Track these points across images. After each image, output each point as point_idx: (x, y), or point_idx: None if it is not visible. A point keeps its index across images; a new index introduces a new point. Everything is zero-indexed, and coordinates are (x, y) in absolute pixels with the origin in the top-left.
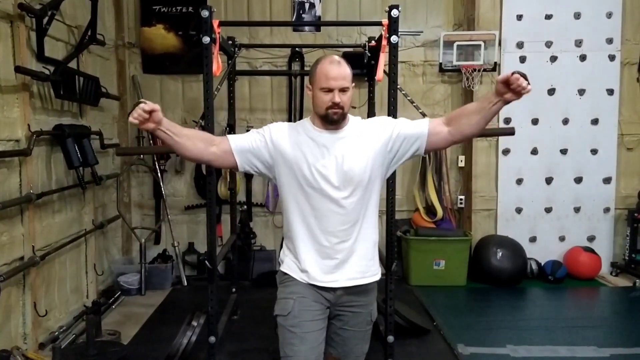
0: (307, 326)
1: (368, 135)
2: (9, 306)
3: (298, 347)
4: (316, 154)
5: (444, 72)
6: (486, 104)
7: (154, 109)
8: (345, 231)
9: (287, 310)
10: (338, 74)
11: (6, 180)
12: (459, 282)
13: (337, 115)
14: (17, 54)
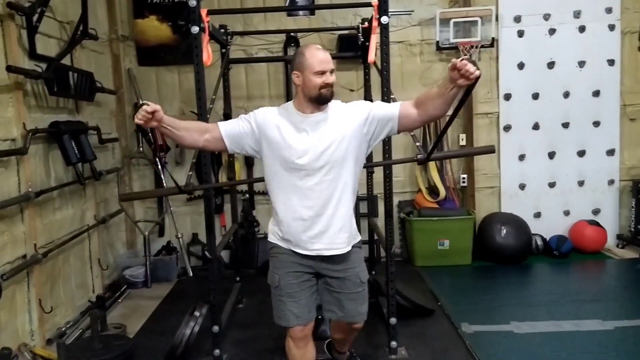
0: (294, 295)
1: (346, 119)
2: (15, 304)
3: (290, 311)
4: (298, 137)
5: (441, 50)
6: (444, 89)
7: (156, 109)
8: (323, 207)
9: (275, 283)
10: (326, 58)
11: (4, 180)
12: (464, 261)
13: (330, 93)
14: (9, 53)
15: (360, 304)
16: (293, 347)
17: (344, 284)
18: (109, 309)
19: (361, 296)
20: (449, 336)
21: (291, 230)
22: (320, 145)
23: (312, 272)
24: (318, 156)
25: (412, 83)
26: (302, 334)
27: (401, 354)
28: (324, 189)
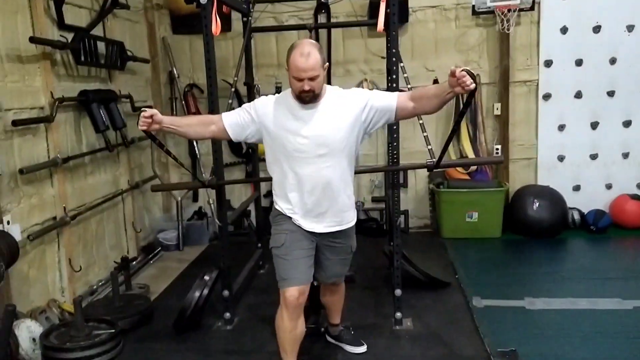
0: (297, 254)
1: (343, 107)
2: (44, 262)
3: (290, 270)
4: (296, 125)
5: (477, 14)
6: (442, 92)
7: (152, 113)
8: (322, 192)
9: (281, 242)
10: (307, 66)
11: (33, 146)
12: (494, 234)
13: (308, 98)
14: (36, 24)
15: (344, 267)
16: (287, 318)
17: (337, 251)
18: (141, 269)
19: (347, 261)
20: (458, 310)
21: (294, 211)
22: (318, 133)
23: (314, 241)
24: (316, 144)
25: (446, 49)
26: (297, 300)
27: (406, 325)
28: (323, 175)
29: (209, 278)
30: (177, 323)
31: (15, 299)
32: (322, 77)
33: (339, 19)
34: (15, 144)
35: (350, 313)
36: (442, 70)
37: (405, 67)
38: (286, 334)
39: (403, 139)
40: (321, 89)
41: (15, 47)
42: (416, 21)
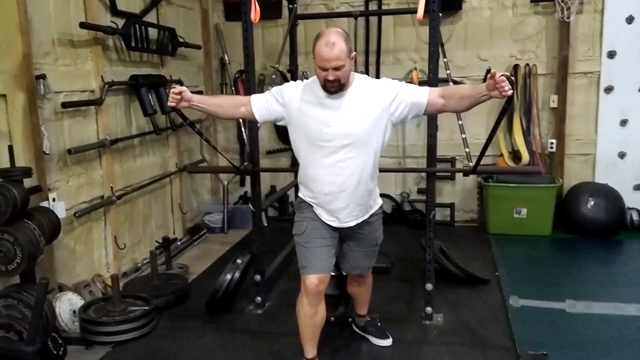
0: (317, 242)
1: (371, 97)
2: (91, 239)
3: (310, 258)
4: (322, 114)
5: (536, 2)
6: (476, 93)
7: (182, 90)
8: (344, 183)
9: (302, 230)
10: (331, 56)
11: (84, 127)
12: (543, 231)
13: (334, 88)
14: (88, 10)
15: (369, 260)
16: (307, 304)
17: (361, 242)
18: (185, 249)
19: (372, 253)
20: (493, 308)
21: (315, 201)
22: (344, 123)
23: (337, 230)
24: (341, 134)
25: (502, 38)
26: (317, 287)
27: (436, 320)
28: (347, 166)
29: (241, 262)
30: (208, 304)
31: (61, 272)
32: (348, 66)
33: (391, 5)
34: (65, 125)
35: (381, 304)
36: (496, 60)
37: (457, 56)
38: (306, 320)
39: (452, 131)
40: (347, 79)
41: (68, 32)
42: (470, 9)
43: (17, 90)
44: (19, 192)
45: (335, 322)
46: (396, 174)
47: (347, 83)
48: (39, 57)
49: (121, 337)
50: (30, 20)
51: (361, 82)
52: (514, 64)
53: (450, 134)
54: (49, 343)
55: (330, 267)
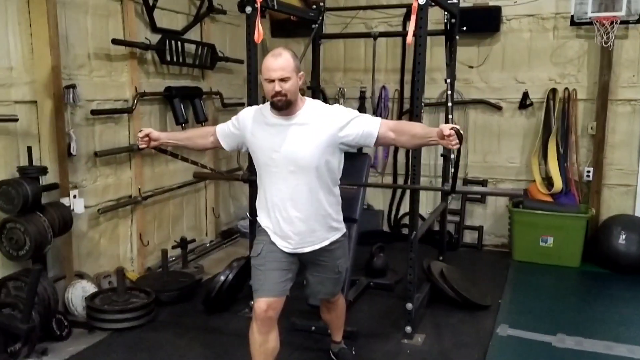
0: (271, 265)
1: (319, 124)
2: (117, 234)
3: (263, 282)
4: (269, 140)
5: (578, 25)
6: (427, 136)
7: (147, 132)
8: (294, 208)
9: (257, 252)
10: (277, 66)
11: (116, 133)
12: (571, 263)
13: (281, 102)
14: (126, 28)
15: (332, 287)
16: (255, 330)
17: (321, 269)
18: (212, 251)
19: (334, 280)
20: (478, 335)
21: (268, 224)
22: (289, 148)
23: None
24: (287, 159)
25: (541, 61)
26: (266, 313)
27: (416, 340)
28: (297, 192)
29: (236, 265)
30: (204, 302)
31: (83, 262)
32: (294, 82)
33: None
34: (97, 130)
35: (370, 318)
36: (534, 83)
37: (493, 78)
38: (255, 347)
39: (485, 153)
40: (295, 96)
41: (105, 47)
42: (509, 30)
43: (45, 97)
44: (32, 188)
45: (316, 332)
46: (427, 193)
47: (294, 103)
48: (74, 69)
49: (120, 325)
50: (65, 36)
51: (312, 107)
52: (551, 87)
53: (484, 156)
54: (53, 324)
55: (282, 291)
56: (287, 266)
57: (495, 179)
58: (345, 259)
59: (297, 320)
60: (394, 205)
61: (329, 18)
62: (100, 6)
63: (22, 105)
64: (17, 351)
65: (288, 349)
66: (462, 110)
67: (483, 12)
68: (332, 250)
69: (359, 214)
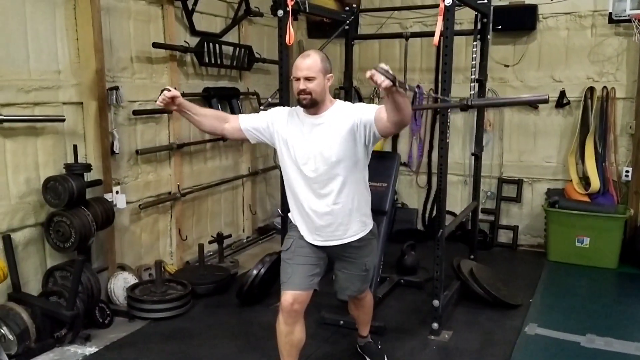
0: (299, 260)
1: (340, 122)
2: (156, 229)
3: (290, 275)
4: (299, 138)
5: (616, 23)
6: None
7: (175, 95)
8: (321, 204)
9: (287, 246)
10: (304, 66)
11: (157, 132)
12: (608, 264)
13: (305, 100)
14: (166, 31)
15: (360, 284)
16: (282, 322)
17: (349, 265)
18: (248, 246)
19: (362, 277)
20: (506, 333)
21: (297, 220)
22: (316, 146)
23: (323, 251)
24: (314, 157)
25: (579, 59)
26: (292, 305)
27: (443, 336)
28: (322, 187)
29: (268, 260)
30: (238, 295)
31: (126, 255)
32: (320, 82)
33: (463, 25)
34: (138, 129)
35: (399, 314)
36: (571, 81)
37: (529, 77)
38: (281, 338)
39: (521, 152)
40: (321, 97)
41: (146, 50)
42: (545, 28)
43: (90, 99)
44: (77, 183)
45: (344, 326)
46: (462, 192)
47: (321, 103)
48: (117, 72)
49: (157, 314)
50: (109, 41)
51: (339, 108)
52: (589, 86)
53: (519, 155)
54: (96, 312)
55: (309, 286)
56: (316, 261)
57: (532, 178)
58: (372, 257)
59: (327, 314)
60: (428, 203)
61: (364, 18)
62: (142, 11)
63: (69, 106)
64: (63, 337)
65: (317, 342)
66: (498, 109)
67: (519, 11)
68: (359, 248)
69: (389, 207)
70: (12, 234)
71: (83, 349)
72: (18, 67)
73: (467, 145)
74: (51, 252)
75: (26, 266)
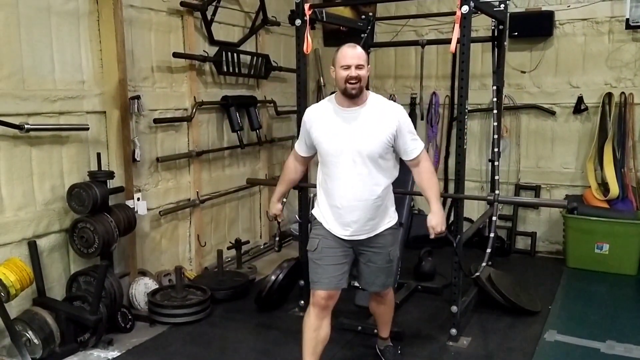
0: (328, 260)
1: (382, 118)
2: (176, 235)
3: (321, 274)
4: (336, 129)
5: (633, 28)
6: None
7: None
8: (356, 196)
9: (314, 247)
10: (354, 54)
11: (176, 140)
12: (627, 270)
13: (355, 89)
14: (186, 41)
15: (385, 277)
16: (313, 315)
17: (375, 257)
18: (265, 252)
19: (387, 270)
20: (526, 339)
21: (328, 215)
22: (355, 138)
23: (349, 246)
24: (352, 149)
25: (596, 65)
26: (325, 302)
27: (461, 342)
28: (357, 181)
29: (286, 266)
30: (256, 301)
31: (146, 260)
32: (366, 72)
33: (479, 32)
34: (159, 137)
35: (418, 320)
36: (589, 87)
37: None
38: (310, 332)
39: (539, 158)
40: (365, 84)
41: (166, 60)
42: (562, 34)
43: (113, 108)
44: (100, 190)
45: (362, 332)
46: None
47: (363, 94)
48: (139, 81)
49: (178, 319)
50: (131, 51)
51: (374, 101)
52: (607, 91)
53: (537, 161)
54: (119, 317)
55: (340, 283)
56: (343, 259)
57: (549, 185)
58: (396, 247)
59: (345, 320)
60: (445, 210)
61: (380, 27)
62: (163, 22)
63: (92, 115)
64: (86, 341)
65: (336, 347)
66: (515, 115)
67: (535, 17)
68: (385, 236)
69: (405, 218)
70: (38, 240)
71: (106, 353)
72: (44, 77)
73: (483, 151)
74: (75, 257)
75: (51, 271)
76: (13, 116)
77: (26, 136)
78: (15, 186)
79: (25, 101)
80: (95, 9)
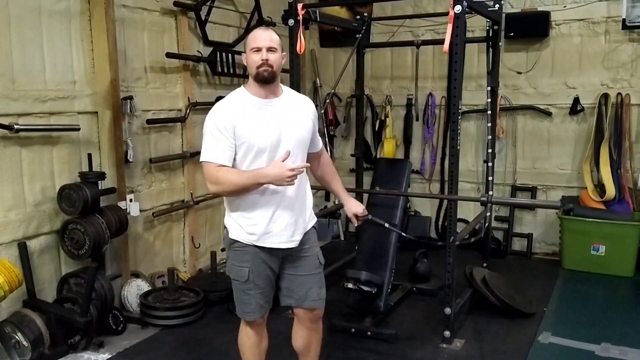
0: (259, 289)
1: (302, 107)
2: (170, 237)
3: (254, 305)
4: (266, 122)
5: (630, 29)
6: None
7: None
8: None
9: (244, 277)
10: (266, 36)
11: (170, 141)
12: (623, 272)
13: (267, 73)
14: (180, 42)
15: (319, 287)
16: (252, 334)
17: (305, 263)
18: None
19: (320, 278)
20: (520, 342)
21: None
22: (287, 125)
23: (279, 259)
24: (286, 136)
25: (593, 65)
26: (260, 324)
27: (455, 345)
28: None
29: None
30: None
31: (139, 262)
32: (280, 56)
33: (475, 33)
34: (152, 138)
35: (411, 323)
36: (585, 88)
37: (542, 83)
38: (252, 348)
39: (535, 159)
40: (278, 72)
41: (160, 61)
42: (558, 35)
43: (105, 108)
44: (91, 191)
45: (355, 333)
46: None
47: (277, 80)
48: (131, 82)
49: (170, 321)
50: (123, 51)
51: (290, 91)
52: (603, 92)
53: (533, 163)
54: (110, 319)
55: (271, 304)
56: (272, 280)
57: (545, 186)
58: (320, 250)
59: (337, 321)
60: (441, 211)
61: (376, 27)
62: (156, 22)
63: (84, 115)
64: (76, 343)
65: (328, 349)
66: (511, 116)
67: (531, 18)
68: (310, 234)
69: (399, 219)
70: (28, 242)
71: (96, 356)
72: (34, 77)
73: (479, 152)
74: (66, 259)
75: (41, 273)
76: (2, 116)
77: (16, 137)
78: (5, 187)
79: (15, 101)
80: (86, 8)
